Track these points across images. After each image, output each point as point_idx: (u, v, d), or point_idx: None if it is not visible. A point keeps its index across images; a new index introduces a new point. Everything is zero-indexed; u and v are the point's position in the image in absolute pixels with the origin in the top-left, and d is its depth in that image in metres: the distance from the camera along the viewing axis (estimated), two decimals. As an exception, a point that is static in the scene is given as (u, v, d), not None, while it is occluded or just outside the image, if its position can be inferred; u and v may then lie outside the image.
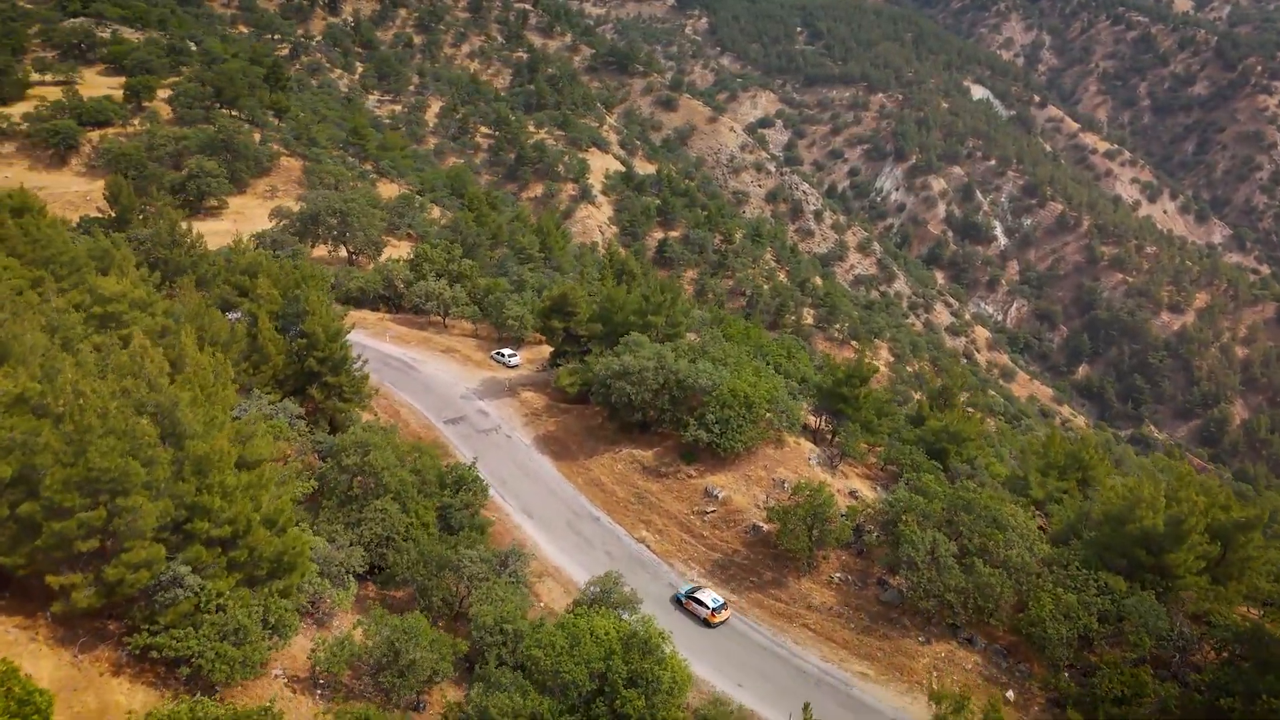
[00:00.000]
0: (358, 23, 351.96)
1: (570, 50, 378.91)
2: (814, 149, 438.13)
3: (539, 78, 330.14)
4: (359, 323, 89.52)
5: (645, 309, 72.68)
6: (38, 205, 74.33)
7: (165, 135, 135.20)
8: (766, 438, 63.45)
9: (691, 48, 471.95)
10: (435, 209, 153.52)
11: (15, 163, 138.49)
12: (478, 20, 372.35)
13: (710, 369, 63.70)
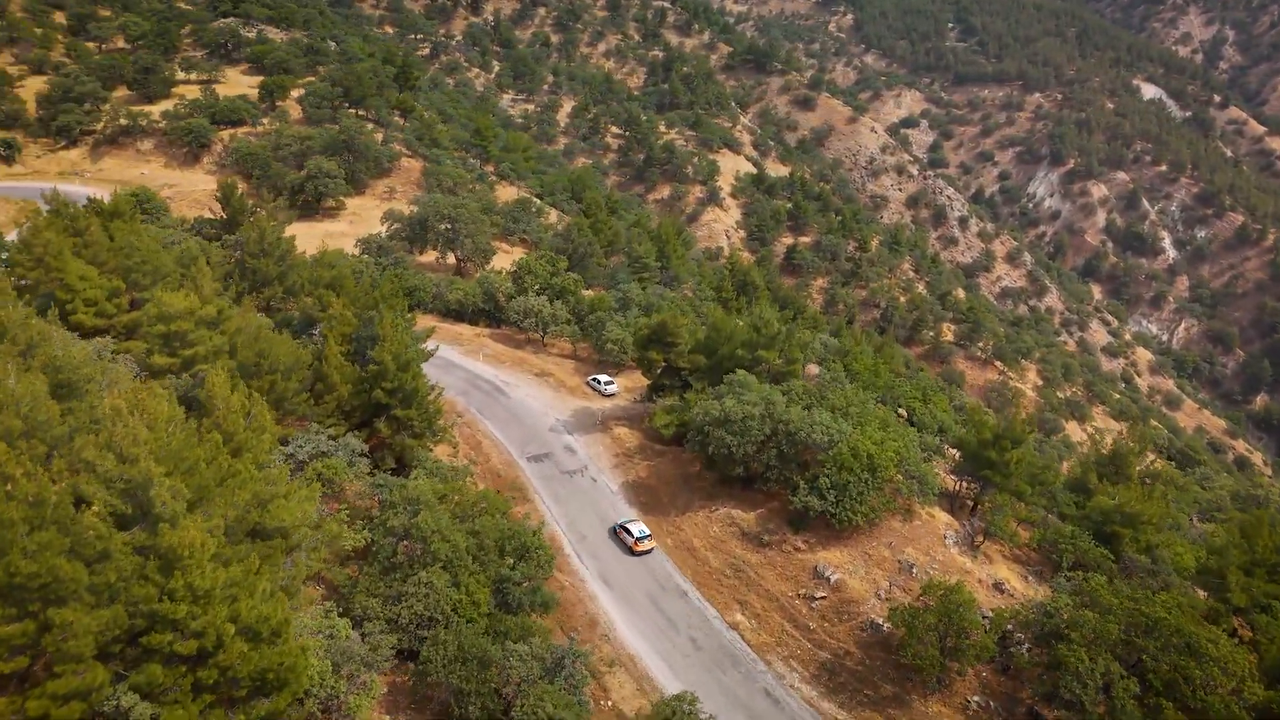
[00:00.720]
0: (497, 22, 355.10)
1: (707, 49, 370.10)
2: (961, 151, 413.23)
3: (673, 76, 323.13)
4: (455, 338, 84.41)
5: (756, 342, 63.54)
6: (129, 209, 71.99)
7: (291, 135, 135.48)
8: (893, 508, 53.28)
9: (834, 45, 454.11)
10: (553, 213, 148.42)
11: (152, 159, 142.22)
12: (615, 19, 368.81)
13: (828, 420, 54.03)
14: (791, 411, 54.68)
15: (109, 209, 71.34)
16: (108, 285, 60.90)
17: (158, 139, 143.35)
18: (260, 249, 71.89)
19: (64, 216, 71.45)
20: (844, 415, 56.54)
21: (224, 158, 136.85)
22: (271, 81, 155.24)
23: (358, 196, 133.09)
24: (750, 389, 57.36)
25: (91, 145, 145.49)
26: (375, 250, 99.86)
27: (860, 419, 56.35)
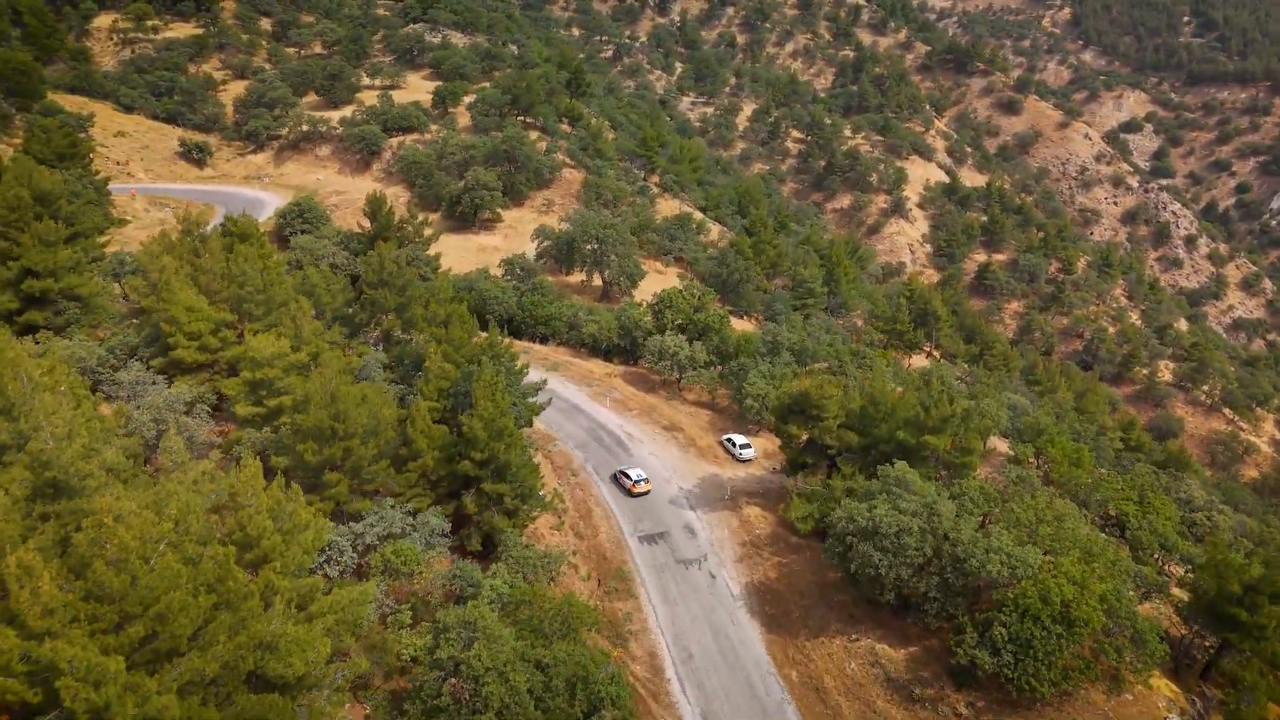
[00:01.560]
0: (683, 22, 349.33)
1: (902, 48, 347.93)
2: (1191, 159, 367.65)
3: (864, 78, 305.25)
4: (585, 376, 77.18)
5: (922, 423, 51.78)
6: (255, 232, 69.28)
7: (456, 143, 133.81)
8: (1094, 674, 40.53)
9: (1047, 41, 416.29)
10: (714, 229, 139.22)
11: (328, 165, 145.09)
12: (806, 18, 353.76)
13: (1009, 547, 41.89)
14: (962, 529, 42.96)
15: (237, 230, 68.86)
16: (215, 317, 57.57)
17: (334, 145, 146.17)
18: (380, 278, 67.27)
19: (194, 236, 69.79)
20: (1032, 535, 44.05)
21: (391, 165, 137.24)
22: (445, 88, 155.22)
23: (515, 208, 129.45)
24: (910, 489, 45.96)
25: (276, 150, 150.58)
26: (517, 272, 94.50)
27: (1055, 543, 43.69)
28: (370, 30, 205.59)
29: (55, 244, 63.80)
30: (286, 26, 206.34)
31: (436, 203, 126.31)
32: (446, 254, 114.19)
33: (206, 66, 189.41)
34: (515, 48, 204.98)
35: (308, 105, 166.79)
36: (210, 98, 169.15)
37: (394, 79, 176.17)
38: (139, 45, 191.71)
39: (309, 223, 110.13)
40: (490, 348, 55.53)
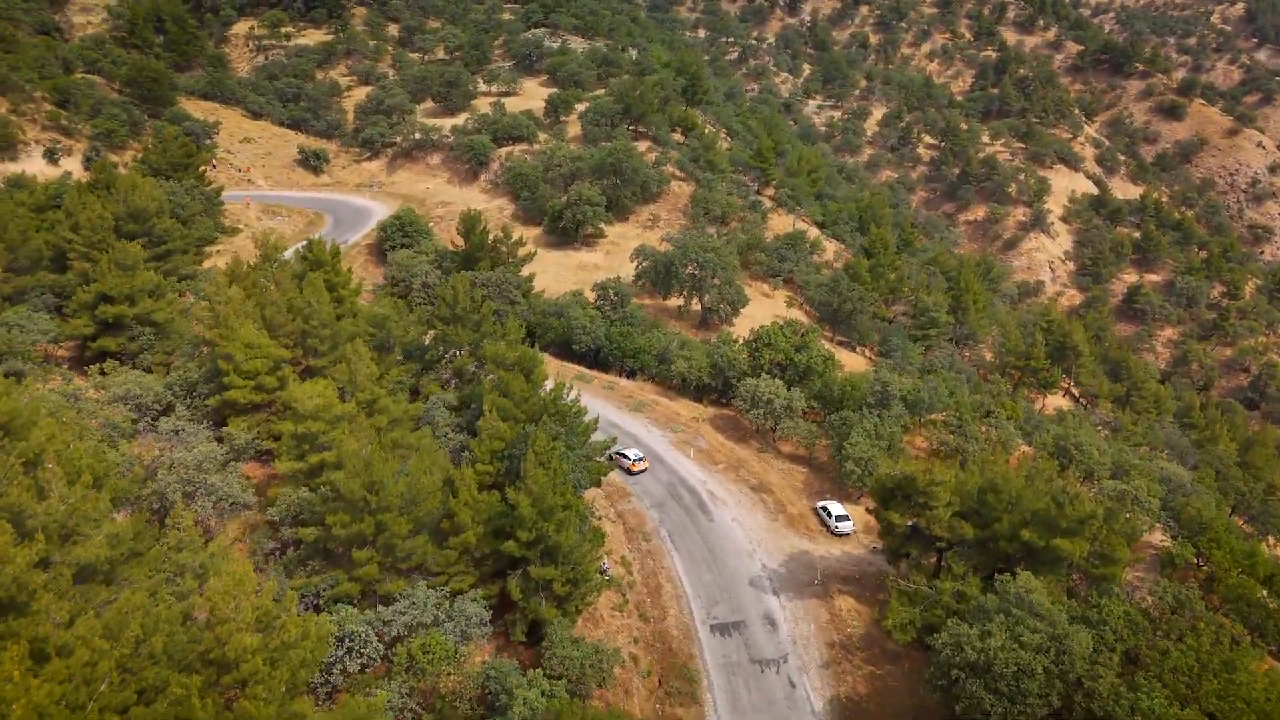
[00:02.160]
0: (814, 22, 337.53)
1: (1051, 47, 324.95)
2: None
3: (1006, 80, 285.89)
4: (670, 419, 71.03)
5: (1054, 521, 43.09)
6: (331, 258, 66.34)
7: (563, 155, 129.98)
8: None
9: (1216, 39, 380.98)
10: (831, 248, 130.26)
11: (438, 174, 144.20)
12: (945, 16, 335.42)
13: (1160, 707, 33.14)
14: (1100, 676, 34.48)
15: (313, 257, 66.13)
16: (274, 354, 54.45)
17: (445, 154, 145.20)
18: (453, 313, 63.06)
19: (270, 261, 67.49)
20: (1192, 691, 35.05)
21: (498, 176, 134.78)
22: (557, 96, 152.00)
23: (619, 223, 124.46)
24: (1035, 611, 37.67)
25: (390, 158, 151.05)
26: (610, 297, 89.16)
27: (1222, 704, 34.57)
28: (491, 35, 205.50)
29: (133, 267, 62.48)
30: (412, 32, 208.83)
31: (540, 216, 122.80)
32: (544, 272, 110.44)
33: (334, 73, 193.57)
34: (635, 53, 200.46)
35: (424, 112, 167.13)
36: (334, 104, 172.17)
37: (510, 85, 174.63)
38: (272, 52, 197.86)
39: (409, 236, 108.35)
40: (553, 403, 50.11)
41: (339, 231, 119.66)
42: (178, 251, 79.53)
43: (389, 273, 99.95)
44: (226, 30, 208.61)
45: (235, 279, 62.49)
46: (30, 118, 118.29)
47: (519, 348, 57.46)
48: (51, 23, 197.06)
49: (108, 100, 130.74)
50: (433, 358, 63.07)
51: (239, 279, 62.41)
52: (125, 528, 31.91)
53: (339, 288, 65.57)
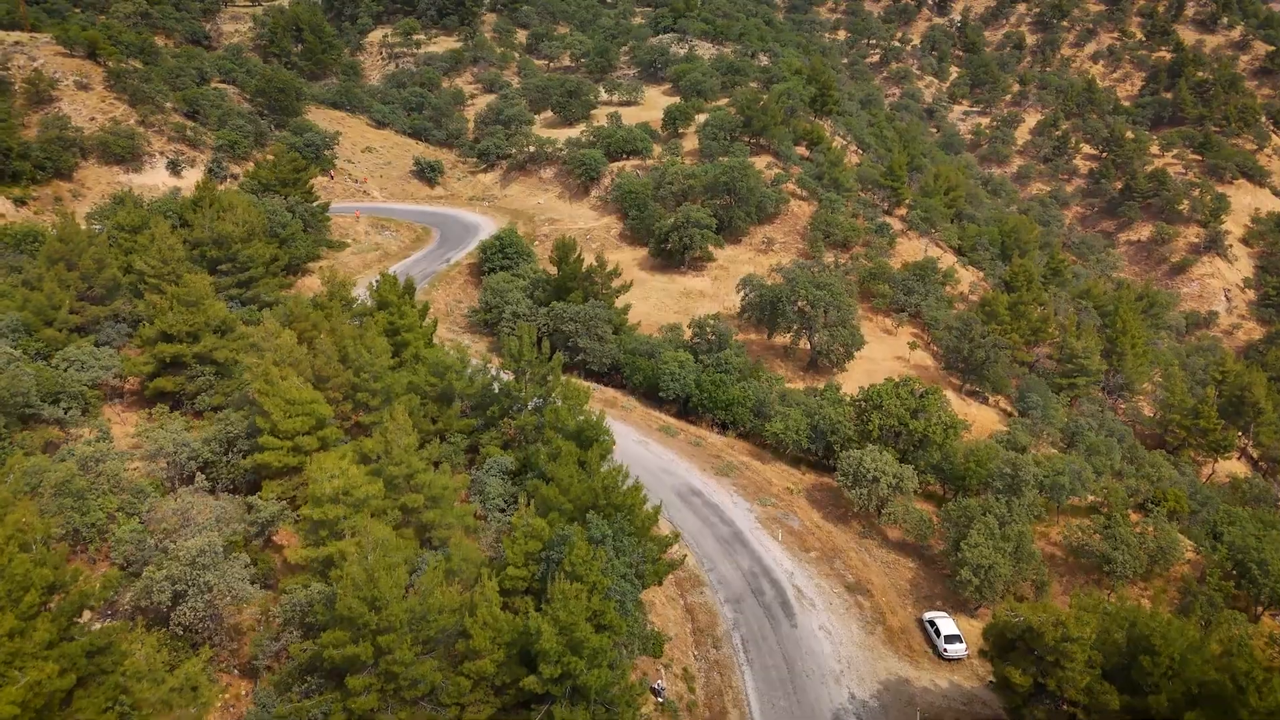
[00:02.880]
0: (964, 22, 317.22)
1: (1236, 48, 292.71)
2: None
3: (1181, 84, 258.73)
4: (761, 489, 63.03)
5: (1237, 704, 32.74)
6: (399, 298, 61.73)
7: (676, 171, 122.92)
8: None
9: None
10: (967, 277, 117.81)
11: (550, 189, 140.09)
12: (1114, 14, 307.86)
13: None
14: None
15: (379, 296, 61.73)
16: (318, 412, 49.82)
17: (558, 167, 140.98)
18: (518, 365, 57.16)
19: (338, 298, 63.60)
20: None
21: (609, 193, 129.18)
22: (675, 108, 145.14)
23: (731, 245, 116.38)
24: None
25: (504, 170, 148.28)
26: (708, 336, 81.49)
27: None
28: (618, 42, 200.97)
29: (197, 303, 59.63)
30: (539, 39, 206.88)
31: (647, 237, 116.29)
32: (645, 299, 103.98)
33: (460, 80, 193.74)
34: (766, 59, 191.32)
35: (544, 122, 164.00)
36: (455, 113, 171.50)
37: (632, 95, 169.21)
38: (403, 60, 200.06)
39: (509, 258, 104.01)
40: (606, 492, 43.17)
41: (444, 248, 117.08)
42: (261, 278, 77.26)
43: (483, 298, 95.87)
44: (363, 38, 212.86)
45: (294, 320, 58.76)
46: (157, 129, 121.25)
47: (582, 413, 50.96)
48: (202, 32, 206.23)
49: (235, 111, 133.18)
50: (495, 414, 57.38)
51: (297, 320, 58.62)
52: (50, 674, 27.03)
53: (403, 331, 60.87)
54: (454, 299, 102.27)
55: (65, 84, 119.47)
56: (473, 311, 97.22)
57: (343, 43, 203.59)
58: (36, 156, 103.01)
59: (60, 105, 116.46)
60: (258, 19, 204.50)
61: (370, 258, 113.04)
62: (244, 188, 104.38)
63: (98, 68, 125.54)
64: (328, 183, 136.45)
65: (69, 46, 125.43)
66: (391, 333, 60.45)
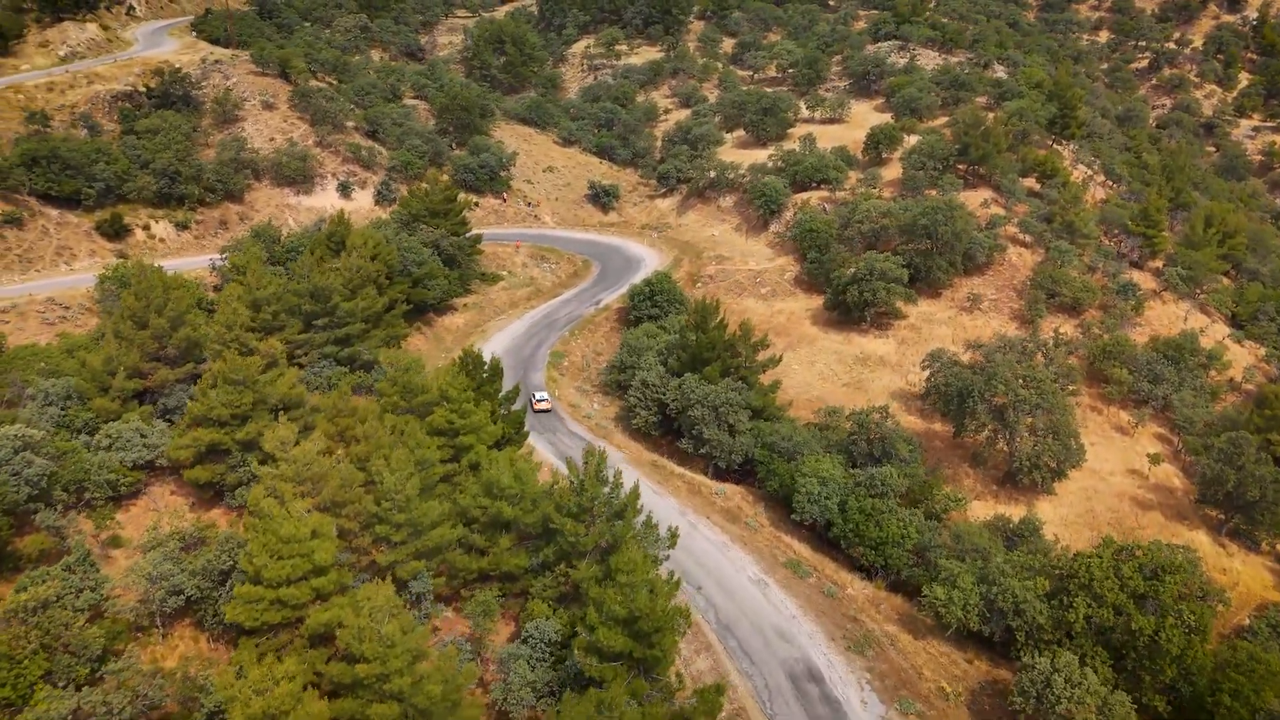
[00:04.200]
0: (1262, 20, 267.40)
1: None
2: None
3: None
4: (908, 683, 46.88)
5: None
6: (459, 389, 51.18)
7: (869, 208, 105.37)
8: None
9: None
10: (1242, 358, 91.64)
11: (727, 219, 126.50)
12: None
13: None
14: None
15: (444, 387, 51.48)
16: (316, 556, 40.01)
17: (739, 195, 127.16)
18: (578, 506, 44.64)
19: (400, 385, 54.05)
20: None
21: (789, 228, 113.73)
22: (880, 130, 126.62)
23: (927, 300, 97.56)
24: None
25: (684, 196, 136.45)
26: (870, 435, 65.09)
27: None
28: (831, 50, 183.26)
29: (245, 382, 52.31)
30: (746, 48, 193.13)
31: (825, 283, 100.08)
32: (810, 363, 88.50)
33: (657, 94, 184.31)
34: (1002, 69, 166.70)
35: (735, 142, 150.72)
36: (645, 131, 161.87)
37: (836, 111, 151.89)
38: (601, 72, 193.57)
39: (658, 306, 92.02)
40: None
41: (599, 286, 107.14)
42: (360, 335, 69.95)
43: (618, 355, 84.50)
44: (567, 49, 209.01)
45: (338, 414, 49.68)
46: (333, 149, 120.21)
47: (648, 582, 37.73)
48: (417, 44, 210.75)
49: (414, 130, 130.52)
50: (549, 557, 45.30)
51: (340, 414, 49.49)
52: None
53: (463, 433, 50.24)
54: (594, 350, 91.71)
55: (252, 103, 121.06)
56: (610, 368, 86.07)
57: (546, 54, 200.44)
58: (208, 179, 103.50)
59: (243, 125, 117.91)
60: (468, 31, 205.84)
61: (520, 294, 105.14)
62: (395, 218, 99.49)
63: (287, 86, 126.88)
64: (499, 205, 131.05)
65: (262, 65, 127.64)
66: (449, 432, 50.05)
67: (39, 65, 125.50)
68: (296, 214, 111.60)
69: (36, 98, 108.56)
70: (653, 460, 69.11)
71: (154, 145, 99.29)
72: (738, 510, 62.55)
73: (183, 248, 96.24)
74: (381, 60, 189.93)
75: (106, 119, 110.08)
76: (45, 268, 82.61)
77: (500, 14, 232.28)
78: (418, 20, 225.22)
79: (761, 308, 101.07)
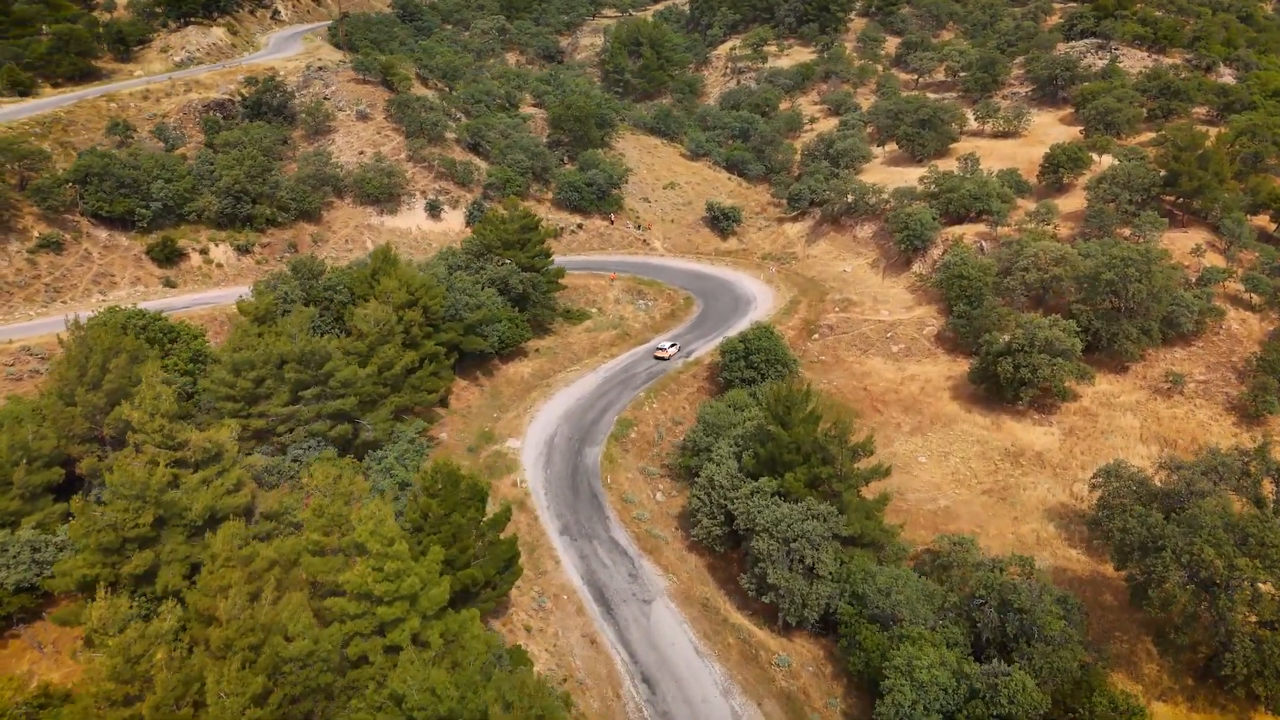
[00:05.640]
0: None
1: None
2: None
3: None
4: None
5: None
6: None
7: (1035, 250, 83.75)
8: None
9: None
10: None
11: (863, 253, 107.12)
12: None
13: None
14: None
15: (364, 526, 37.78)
16: None
17: (879, 225, 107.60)
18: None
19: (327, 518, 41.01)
20: None
21: (934, 270, 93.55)
22: (1063, 149, 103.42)
23: (1108, 378, 75.53)
24: None
25: (816, 221, 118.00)
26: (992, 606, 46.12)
27: None
28: (1014, 51, 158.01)
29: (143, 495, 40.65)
30: (912, 48, 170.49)
31: (973, 344, 79.98)
32: (943, 455, 69.54)
33: (803, 100, 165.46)
34: (1229, 72, 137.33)
35: (886, 158, 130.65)
36: (784, 143, 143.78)
37: (1011, 123, 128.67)
38: (745, 75, 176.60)
39: (754, 368, 75.41)
40: None
41: (696, 332, 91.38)
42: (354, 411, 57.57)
43: (690, 432, 68.52)
44: (711, 51, 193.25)
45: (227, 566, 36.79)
46: (426, 164, 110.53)
47: None
48: (555, 47, 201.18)
49: (519, 143, 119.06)
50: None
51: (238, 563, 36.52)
52: None
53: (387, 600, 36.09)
54: (671, 418, 76.11)
55: (346, 114, 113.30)
56: (683, 447, 70.25)
57: (688, 57, 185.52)
58: (282, 197, 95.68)
59: (334, 137, 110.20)
60: (608, 32, 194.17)
61: (604, 337, 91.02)
62: (466, 248, 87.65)
63: (388, 94, 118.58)
64: (606, 228, 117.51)
65: (363, 72, 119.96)
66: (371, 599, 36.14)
67: (152, 71, 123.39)
68: (377, 235, 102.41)
69: (130, 107, 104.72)
70: (704, 599, 52.96)
71: (226, 161, 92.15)
72: (802, 697, 45.51)
73: (241, 274, 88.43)
74: (517, 64, 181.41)
75: (196, 130, 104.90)
76: (77, 297, 76.06)
77: (649, 14, 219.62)
78: (561, 21, 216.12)
79: (889, 371, 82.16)
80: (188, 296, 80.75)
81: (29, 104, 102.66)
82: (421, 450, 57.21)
